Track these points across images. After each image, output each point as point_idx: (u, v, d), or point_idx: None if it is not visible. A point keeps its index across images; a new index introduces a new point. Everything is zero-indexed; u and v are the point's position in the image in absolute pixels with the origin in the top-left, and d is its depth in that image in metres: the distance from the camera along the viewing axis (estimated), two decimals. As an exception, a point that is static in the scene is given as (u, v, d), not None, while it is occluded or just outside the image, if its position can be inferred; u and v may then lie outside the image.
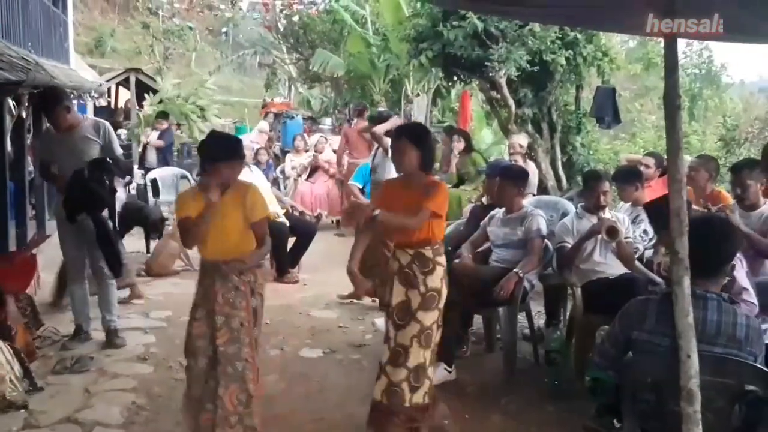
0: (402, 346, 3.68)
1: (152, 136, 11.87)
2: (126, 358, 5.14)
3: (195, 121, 15.11)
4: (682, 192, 2.81)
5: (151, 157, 11.72)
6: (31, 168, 8.93)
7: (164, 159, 11.78)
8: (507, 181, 5.24)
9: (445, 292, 3.77)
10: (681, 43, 3.46)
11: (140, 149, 12.46)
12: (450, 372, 4.71)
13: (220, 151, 3.64)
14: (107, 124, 5.50)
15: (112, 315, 5.46)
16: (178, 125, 14.87)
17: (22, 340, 4.78)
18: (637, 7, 2.95)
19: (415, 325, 3.67)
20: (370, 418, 3.78)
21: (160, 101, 14.67)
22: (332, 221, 10.52)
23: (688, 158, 5.40)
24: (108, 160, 5.31)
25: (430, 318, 3.70)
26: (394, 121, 6.99)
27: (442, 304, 3.75)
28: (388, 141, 6.23)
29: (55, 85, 6.85)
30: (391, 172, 5.71)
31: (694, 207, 4.76)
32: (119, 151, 5.55)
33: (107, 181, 5.30)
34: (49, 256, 8.23)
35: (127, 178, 9.69)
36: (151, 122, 13.05)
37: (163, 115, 12.51)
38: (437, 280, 3.72)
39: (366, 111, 10.83)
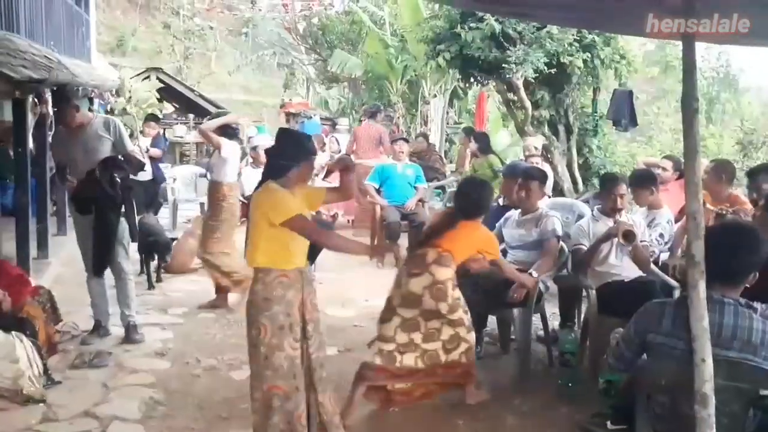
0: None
1: (142, 143, 9.88)
2: (144, 353, 5.20)
3: None
4: (698, 195, 2.82)
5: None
6: (52, 164, 9.04)
7: (158, 169, 9.91)
8: (533, 181, 5.27)
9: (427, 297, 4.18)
10: (699, 47, 3.45)
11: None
12: None
13: (309, 149, 3.55)
14: (117, 120, 5.56)
15: (131, 311, 5.49)
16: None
17: (43, 335, 4.86)
18: (653, 9, 2.96)
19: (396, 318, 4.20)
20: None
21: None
22: (348, 221, 10.55)
23: (705, 162, 5.39)
24: (119, 157, 5.36)
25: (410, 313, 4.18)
26: (230, 118, 6.72)
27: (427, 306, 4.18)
28: (220, 139, 6.23)
29: (65, 83, 6.93)
30: (227, 174, 6.30)
31: (709, 206, 4.76)
32: (131, 146, 5.63)
33: (119, 179, 5.33)
34: (70, 252, 8.34)
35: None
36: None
37: (152, 117, 10.69)
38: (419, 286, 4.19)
39: (379, 113, 10.86)
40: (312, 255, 7.54)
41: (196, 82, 24.32)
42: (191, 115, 18.99)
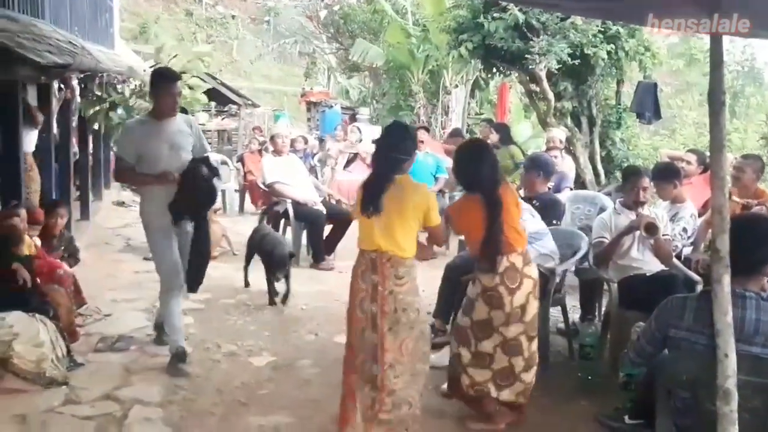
0: (484, 354, 3.82)
1: None
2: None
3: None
4: (724, 189, 2.79)
5: None
6: (75, 149, 9.12)
7: None
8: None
9: (533, 307, 3.85)
10: (724, 41, 3.41)
11: None
12: None
13: (416, 142, 3.91)
14: (195, 119, 5.10)
15: (180, 334, 4.77)
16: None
17: (66, 320, 4.92)
18: (683, 3, 2.93)
19: (497, 337, 3.80)
20: (451, 390, 4.05)
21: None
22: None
23: (729, 156, 5.33)
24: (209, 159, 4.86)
25: (514, 330, 3.79)
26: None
27: (529, 317, 3.83)
28: None
29: (89, 69, 6.93)
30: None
31: (735, 199, 4.72)
32: (209, 149, 5.11)
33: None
34: (93, 236, 8.43)
35: None
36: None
37: (182, 110, 10.85)
38: (524, 296, 3.79)
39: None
40: (331, 244, 7.61)
41: (218, 70, 24.41)
42: (213, 103, 19.08)
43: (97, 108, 8.21)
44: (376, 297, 3.60)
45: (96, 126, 9.07)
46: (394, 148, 3.67)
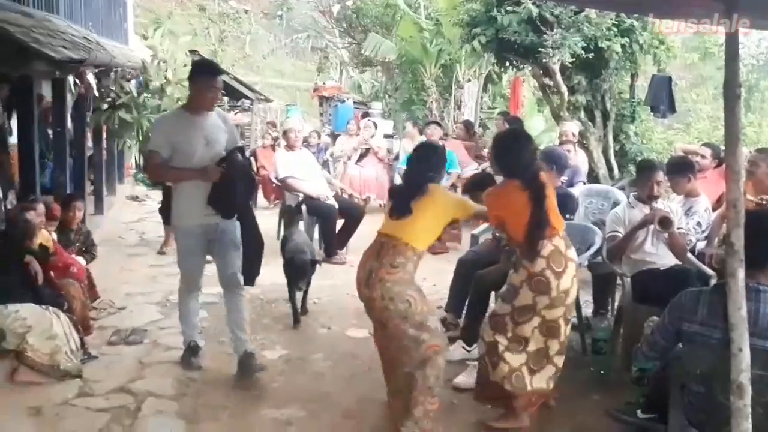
0: (521, 337, 3.80)
1: None
2: (179, 331, 5.20)
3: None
4: (739, 183, 2.77)
5: None
6: (90, 144, 9.17)
7: None
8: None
9: (575, 290, 3.85)
10: (739, 33, 3.38)
11: None
12: (469, 351, 4.72)
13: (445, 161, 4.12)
14: (229, 115, 4.98)
15: (246, 334, 4.60)
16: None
17: (80, 313, 4.95)
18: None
19: (536, 319, 3.78)
20: (480, 394, 4.01)
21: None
22: (380, 204, 10.57)
23: (744, 150, 5.29)
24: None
25: (555, 313, 3.79)
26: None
27: (571, 301, 3.84)
28: None
29: (104, 64, 6.89)
30: None
31: (749, 197, 4.68)
32: (239, 142, 4.88)
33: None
34: (107, 230, 8.47)
35: None
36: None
37: None
38: (569, 279, 3.77)
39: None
40: (343, 238, 7.62)
41: (231, 65, 24.41)
42: (225, 98, 19.11)
43: (105, 108, 8.11)
44: (370, 281, 3.72)
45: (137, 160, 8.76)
46: (426, 167, 3.91)
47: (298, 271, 5.57)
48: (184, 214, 4.45)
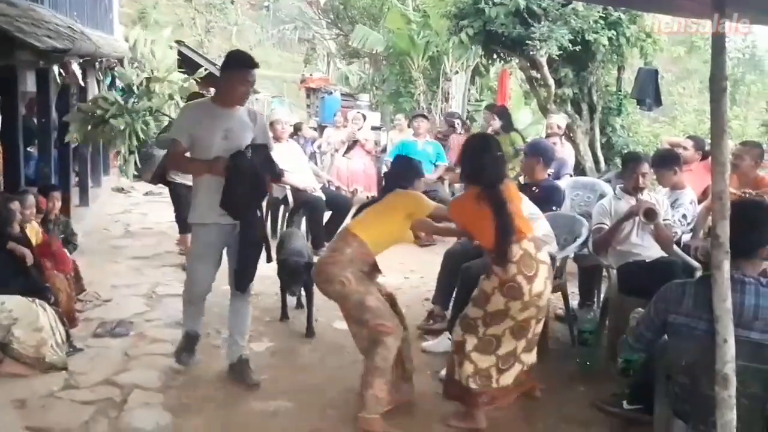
0: (493, 336, 3.77)
1: None
2: (165, 323, 5.25)
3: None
4: (725, 175, 2.78)
5: None
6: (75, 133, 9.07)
7: None
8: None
9: (548, 291, 3.83)
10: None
11: None
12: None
13: (420, 173, 4.29)
14: (262, 115, 4.66)
15: (245, 341, 4.44)
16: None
17: (66, 306, 4.93)
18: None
19: (509, 321, 3.75)
20: (447, 392, 3.99)
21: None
22: (367, 197, 10.56)
23: (730, 143, 5.32)
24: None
25: (527, 315, 3.76)
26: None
27: (544, 302, 3.82)
28: None
29: (88, 54, 6.74)
30: None
31: (732, 190, 4.71)
32: (272, 147, 4.63)
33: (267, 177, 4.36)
34: (92, 222, 8.42)
35: None
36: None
37: (197, 96, 8.93)
38: (542, 282, 3.73)
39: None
40: (331, 230, 7.60)
41: (218, 56, 24.28)
42: (212, 90, 18.98)
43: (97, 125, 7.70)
44: (317, 269, 3.99)
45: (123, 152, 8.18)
46: (398, 177, 4.15)
47: (290, 274, 5.20)
48: (200, 211, 4.23)
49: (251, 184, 4.14)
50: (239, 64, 4.19)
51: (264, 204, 4.40)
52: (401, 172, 4.18)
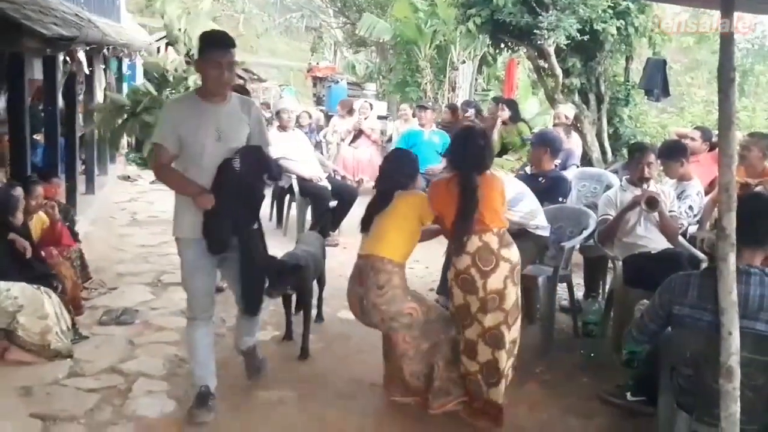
0: (471, 342, 3.72)
1: None
2: (170, 312, 5.26)
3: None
4: (732, 167, 2.76)
5: None
6: (81, 123, 9.10)
7: None
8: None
9: (513, 293, 3.66)
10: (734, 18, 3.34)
11: None
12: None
13: (417, 169, 4.14)
14: (257, 105, 4.05)
15: (253, 336, 4.08)
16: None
17: (72, 293, 4.94)
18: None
19: (477, 326, 3.66)
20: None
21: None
22: (373, 186, 10.54)
23: (738, 134, 5.29)
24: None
25: (493, 319, 3.63)
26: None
27: (509, 305, 3.64)
28: None
29: (96, 42, 6.64)
30: None
31: (737, 179, 4.69)
32: (269, 141, 4.01)
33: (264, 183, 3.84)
34: (98, 210, 8.44)
35: None
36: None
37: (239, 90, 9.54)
38: (500, 280, 3.61)
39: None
40: (336, 220, 7.60)
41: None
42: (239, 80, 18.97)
43: (126, 118, 7.15)
44: (364, 309, 3.77)
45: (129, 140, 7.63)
46: (398, 173, 3.96)
47: (274, 274, 4.24)
48: (185, 224, 3.66)
49: (244, 203, 3.64)
50: (206, 44, 3.59)
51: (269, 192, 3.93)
52: (401, 168, 4.01)
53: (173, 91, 7.35)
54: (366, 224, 3.91)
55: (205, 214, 3.54)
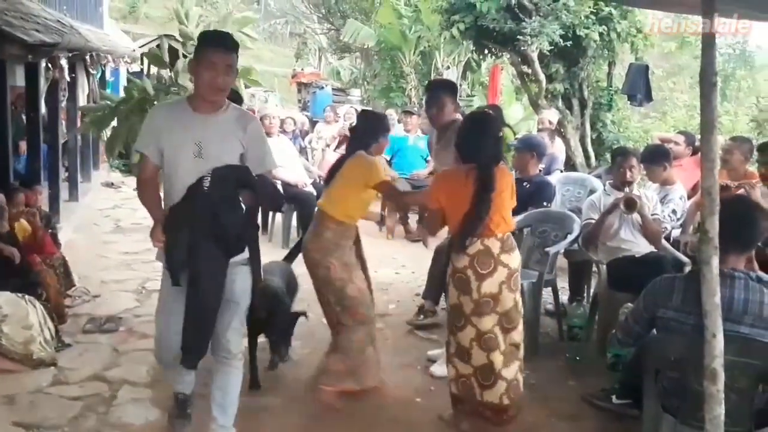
0: (463, 347, 3.64)
1: None
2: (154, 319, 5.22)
3: None
4: (714, 171, 2.78)
5: None
6: (64, 130, 9.05)
7: None
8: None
9: (508, 298, 3.60)
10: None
11: None
12: None
13: (386, 127, 4.28)
14: (258, 121, 3.55)
15: (227, 417, 3.35)
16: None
17: (55, 301, 4.90)
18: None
19: (471, 329, 3.60)
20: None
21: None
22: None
23: (720, 139, 5.33)
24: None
25: (487, 323, 3.58)
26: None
27: (504, 309, 3.59)
28: None
29: (78, 48, 6.61)
30: None
31: (726, 182, 4.73)
32: (272, 165, 3.38)
33: (247, 208, 3.17)
34: (81, 217, 8.38)
35: None
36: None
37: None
38: (495, 284, 3.57)
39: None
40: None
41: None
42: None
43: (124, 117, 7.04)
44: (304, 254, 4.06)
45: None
46: (364, 133, 4.10)
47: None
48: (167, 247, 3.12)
49: (208, 232, 3.03)
50: (203, 42, 3.15)
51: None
52: (367, 128, 4.14)
53: (175, 90, 7.32)
54: (328, 179, 4.17)
55: (165, 242, 3.08)
